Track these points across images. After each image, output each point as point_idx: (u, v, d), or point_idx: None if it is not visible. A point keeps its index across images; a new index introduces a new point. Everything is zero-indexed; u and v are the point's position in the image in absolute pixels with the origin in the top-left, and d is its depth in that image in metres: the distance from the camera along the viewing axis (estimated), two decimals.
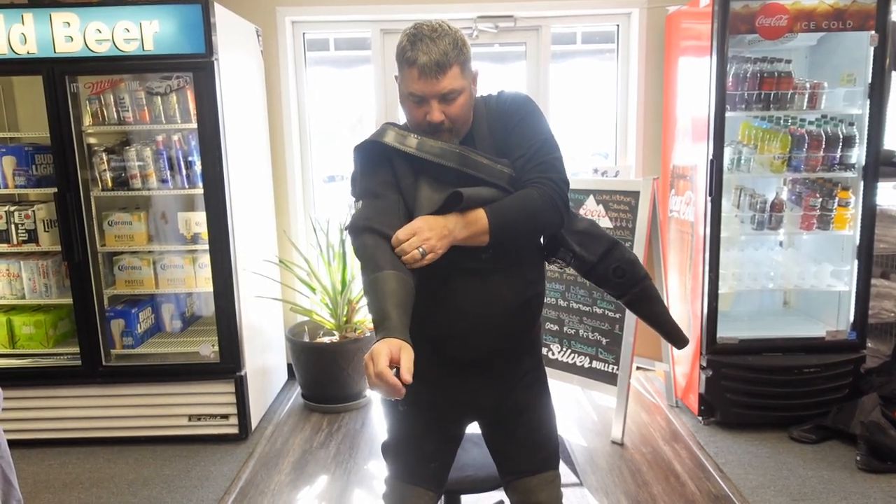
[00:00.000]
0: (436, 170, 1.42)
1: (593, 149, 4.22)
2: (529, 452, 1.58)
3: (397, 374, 1.17)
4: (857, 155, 3.06)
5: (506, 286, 1.47)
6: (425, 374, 1.53)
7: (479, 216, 1.39)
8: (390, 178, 1.46)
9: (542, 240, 1.61)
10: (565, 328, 3.39)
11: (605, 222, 3.25)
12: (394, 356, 1.19)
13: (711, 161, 3.00)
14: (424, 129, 1.44)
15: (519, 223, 1.42)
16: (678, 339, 1.64)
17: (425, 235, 1.33)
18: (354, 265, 3.49)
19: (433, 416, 1.58)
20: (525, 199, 1.42)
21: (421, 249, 1.32)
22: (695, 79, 3.15)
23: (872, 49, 2.93)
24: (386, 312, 1.26)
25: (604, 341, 3.23)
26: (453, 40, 1.40)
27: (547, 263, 1.63)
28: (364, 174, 1.49)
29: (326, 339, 3.56)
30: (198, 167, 3.04)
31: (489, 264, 1.45)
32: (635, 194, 3.14)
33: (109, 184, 3.11)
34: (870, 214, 3.05)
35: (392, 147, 1.43)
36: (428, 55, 1.37)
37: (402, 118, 1.55)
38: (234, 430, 3.13)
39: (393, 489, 1.58)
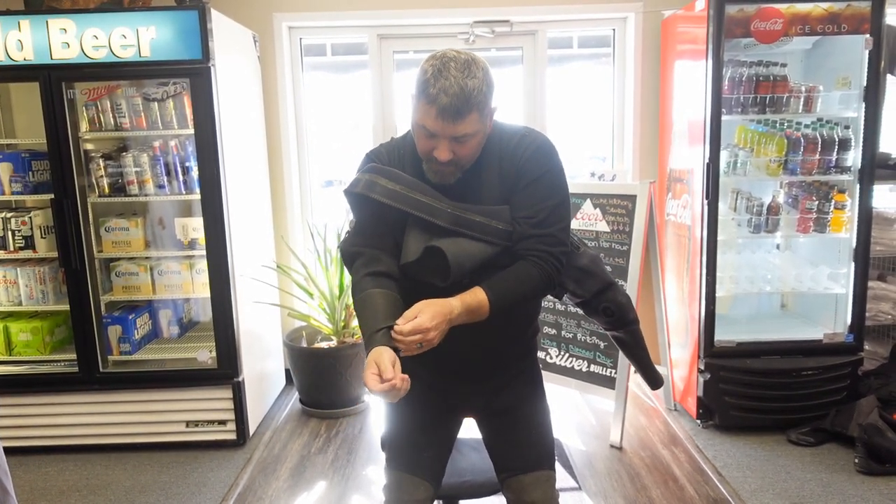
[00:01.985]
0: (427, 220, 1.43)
1: (590, 152, 4.23)
2: (522, 450, 1.59)
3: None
4: (853, 158, 3.07)
5: None
6: (416, 376, 1.53)
7: (482, 303, 1.39)
8: (380, 213, 1.47)
9: None
10: (563, 332, 3.39)
11: (602, 226, 3.26)
12: (377, 363, 1.29)
13: (708, 164, 3.01)
14: (430, 160, 1.42)
15: (517, 301, 1.45)
16: (654, 381, 1.76)
17: (426, 328, 1.32)
18: None
19: (425, 410, 1.62)
20: (525, 278, 1.43)
21: (419, 344, 1.33)
22: (691, 82, 3.16)
23: (867, 52, 2.95)
24: (371, 329, 1.37)
25: (602, 345, 3.23)
26: (480, 84, 1.33)
27: None
28: (354, 206, 1.52)
29: (324, 345, 3.55)
30: (195, 173, 3.03)
31: (475, 283, 1.44)
32: (632, 198, 3.15)
33: (106, 190, 3.10)
34: (866, 217, 3.06)
35: (381, 202, 1.43)
36: (449, 98, 1.30)
37: (400, 122, 1.55)
38: (232, 436, 3.12)
39: (390, 478, 1.61)
